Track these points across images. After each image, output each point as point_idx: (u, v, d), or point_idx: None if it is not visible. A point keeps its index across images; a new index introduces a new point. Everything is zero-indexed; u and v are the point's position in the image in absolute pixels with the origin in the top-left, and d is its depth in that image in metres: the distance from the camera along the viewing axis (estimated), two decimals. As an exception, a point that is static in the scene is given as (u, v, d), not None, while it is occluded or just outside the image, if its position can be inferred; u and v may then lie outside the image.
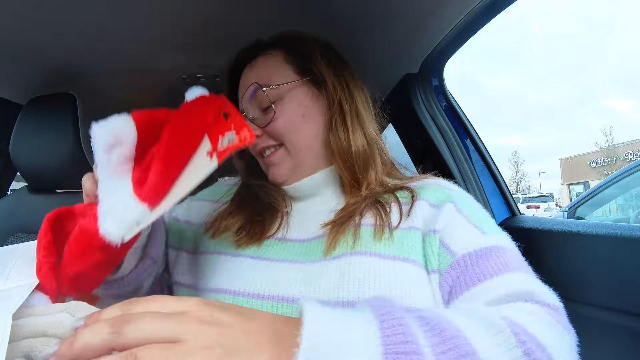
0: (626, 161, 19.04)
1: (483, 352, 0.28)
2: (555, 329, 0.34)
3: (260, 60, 0.58)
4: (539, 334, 0.32)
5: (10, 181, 1.18)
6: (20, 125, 0.91)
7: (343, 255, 0.46)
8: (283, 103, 0.55)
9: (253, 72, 0.57)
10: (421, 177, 0.58)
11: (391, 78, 1.06)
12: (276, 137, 0.55)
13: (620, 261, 0.60)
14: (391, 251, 0.46)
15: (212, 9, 0.76)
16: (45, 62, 0.94)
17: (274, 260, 0.50)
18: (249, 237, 0.53)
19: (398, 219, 0.49)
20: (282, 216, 0.56)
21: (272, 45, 0.59)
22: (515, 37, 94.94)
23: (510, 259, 0.42)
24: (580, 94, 68.76)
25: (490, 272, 0.40)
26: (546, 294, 0.39)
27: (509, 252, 0.43)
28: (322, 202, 0.57)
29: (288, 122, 0.54)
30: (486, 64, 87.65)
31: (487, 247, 0.43)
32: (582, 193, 4.57)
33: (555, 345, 0.32)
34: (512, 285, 0.39)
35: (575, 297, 0.67)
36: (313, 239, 0.51)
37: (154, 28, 0.82)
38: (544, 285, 0.40)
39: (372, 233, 0.48)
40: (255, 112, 0.56)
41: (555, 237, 0.73)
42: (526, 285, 0.39)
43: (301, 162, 0.56)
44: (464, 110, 1.05)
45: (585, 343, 0.38)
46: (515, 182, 31.99)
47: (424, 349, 0.26)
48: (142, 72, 1.02)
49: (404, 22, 0.79)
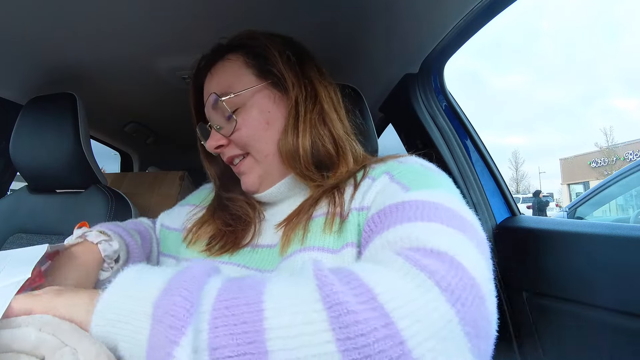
0: (626, 161, 19.02)
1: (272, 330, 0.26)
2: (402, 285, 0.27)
3: (219, 66, 0.56)
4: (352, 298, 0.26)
5: (10, 181, 1.18)
6: (20, 125, 0.91)
7: (295, 252, 0.45)
8: (245, 110, 0.52)
9: (213, 81, 0.55)
10: (397, 156, 0.51)
11: (391, 78, 1.06)
12: (241, 147, 0.54)
13: (620, 261, 0.60)
14: (337, 243, 0.43)
15: (212, 9, 0.76)
16: (45, 62, 0.94)
17: (242, 266, 0.50)
18: (221, 247, 0.53)
19: (350, 196, 0.47)
20: (254, 225, 0.55)
21: (233, 48, 0.56)
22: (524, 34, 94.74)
23: (420, 209, 0.36)
24: (587, 93, 68.57)
25: (391, 221, 0.36)
26: (439, 245, 0.31)
27: (425, 205, 0.37)
28: (293, 203, 0.55)
29: (251, 131, 0.52)
30: (493, 61, 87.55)
31: (399, 202, 0.38)
32: (582, 193, 4.57)
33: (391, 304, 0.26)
34: (398, 235, 0.34)
35: (575, 297, 0.67)
36: (276, 244, 0.50)
37: (153, 28, 0.82)
38: (448, 239, 0.32)
39: (322, 225, 0.46)
40: (220, 121, 0.54)
41: (555, 237, 0.73)
42: (416, 235, 0.32)
43: (269, 169, 0.54)
44: (469, 110, 1.04)
45: (585, 343, 0.38)
46: (515, 182, 31.98)
47: (186, 327, 0.27)
48: (142, 72, 1.02)
49: (404, 22, 0.79)
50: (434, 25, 0.79)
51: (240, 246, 0.53)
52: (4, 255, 0.39)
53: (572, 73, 74.53)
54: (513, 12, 65.42)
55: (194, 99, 0.61)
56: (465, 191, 0.93)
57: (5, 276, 0.35)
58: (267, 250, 0.51)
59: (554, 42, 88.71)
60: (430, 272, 0.28)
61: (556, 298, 0.68)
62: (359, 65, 1.02)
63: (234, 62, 0.55)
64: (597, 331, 0.63)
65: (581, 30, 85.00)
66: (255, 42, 0.55)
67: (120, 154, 1.87)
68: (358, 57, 0.97)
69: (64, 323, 0.30)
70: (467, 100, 65.68)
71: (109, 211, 0.91)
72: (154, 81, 1.08)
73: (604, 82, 69.00)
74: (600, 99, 66.15)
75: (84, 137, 0.92)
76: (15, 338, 0.28)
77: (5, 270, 0.36)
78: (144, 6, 0.73)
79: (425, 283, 0.27)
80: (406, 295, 0.26)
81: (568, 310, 0.66)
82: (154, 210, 1.20)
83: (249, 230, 0.54)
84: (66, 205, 0.94)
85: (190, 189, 1.33)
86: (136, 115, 1.46)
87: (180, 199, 0.73)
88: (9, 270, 0.36)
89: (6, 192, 1.14)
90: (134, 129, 1.55)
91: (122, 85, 1.11)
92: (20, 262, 0.37)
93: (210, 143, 0.55)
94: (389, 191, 0.42)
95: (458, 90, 54.02)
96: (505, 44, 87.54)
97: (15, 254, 0.40)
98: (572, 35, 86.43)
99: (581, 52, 78.87)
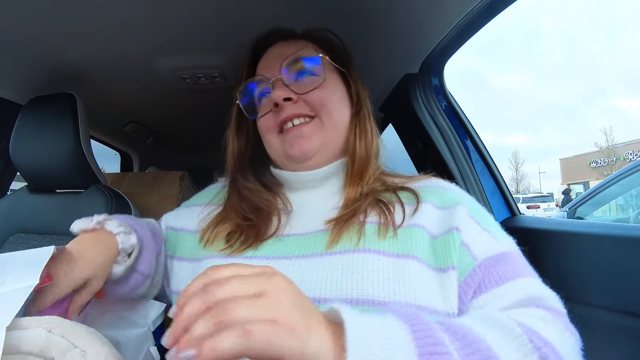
0: (626, 161, 19.03)
1: (504, 356, 0.31)
2: (563, 334, 0.38)
3: (296, 40, 0.59)
4: (551, 338, 0.35)
5: (10, 181, 1.18)
6: (20, 125, 0.91)
7: (346, 251, 0.45)
8: (324, 79, 0.54)
9: (291, 46, 0.57)
10: (420, 178, 0.57)
11: (391, 78, 1.06)
12: (314, 106, 0.53)
13: (620, 261, 0.60)
14: (395, 249, 0.45)
15: (211, 8, 0.76)
16: (45, 62, 0.94)
17: (269, 258, 0.48)
18: (242, 242, 0.51)
19: (402, 218, 0.48)
20: (278, 217, 0.54)
21: (302, 37, 0.60)
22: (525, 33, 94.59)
23: (519, 264, 0.45)
24: (588, 92, 68.45)
25: (504, 277, 0.43)
26: (553, 299, 0.42)
27: (517, 257, 0.46)
28: (323, 195, 0.55)
29: (329, 95, 0.54)
30: (494, 61, 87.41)
31: (501, 253, 0.45)
32: (582, 193, 4.57)
33: (565, 348, 0.35)
34: (524, 290, 0.42)
35: (575, 297, 0.67)
36: (314, 233, 0.50)
37: (153, 28, 0.82)
38: (550, 290, 0.44)
39: (376, 231, 0.47)
40: (291, 80, 0.55)
41: (555, 237, 0.73)
42: (536, 291, 0.42)
43: (331, 140, 0.54)
44: (470, 109, 1.05)
45: (585, 343, 0.38)
46: (515, 182, 31.97)
47: (452, 351, 0.29)
48: (142, 72, 1.02)
49: (404, 22, 0.79)
50: (434, 25, 0.79)
51: (264, 238, 0.51)
52: (11, 258, 0.39)
53: (573, 73, 74.53)
54: (514, 12, 65.43)
55: (250, 57, 0.61)
56: (465, 191, 0.93)
57: (14, 280, 0.35)
58: (294, 239, 0.50)
59: (556, 41, 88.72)
60: (566, 325, 0.39)
61: (556, 298, 0.68)
62: (358, 65, 1.02)
63: (308, 45, 0.58)
64: (597, 331, 0.63)
65: (583, 29, 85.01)
66: (327, 39, 0.61)
67: (120, 154, 1.87)
68: (358, 57, 0.96)
69: (74, 325, 0.30)
70: (469, 100, 65.79)
71: (109, 211, 0.91)
72: (154, 81, 1.08)
73: (605, 81, 68.98)
74: (601, 98, 66.13)
75: (84, 137, 0.92)
76: (24, 340, 0.28)
77: (13, 274, 0.35)
78: (144, 6, 0.73)
79: (567, 334, 0.38)
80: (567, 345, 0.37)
81: (567, 310, 0.66)
82: (154, 210, 1.20)
83: (270, 222, 0.53)
84: (66, 205, 0.94)
85: (190, 188, 1.33)
86: (136, 115, 1.46)
87: (181, 198, 0.73)
88: (16, 274, 0.35)
89: (6, 192, 1.14)
90: (134, 129, 1.55)
91: (122, 85, 1.11)
92: (27, 266, 0.37)
93: (278, 93, 0.53)
94: (477, 233, 0.47)
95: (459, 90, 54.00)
96: (506, 44, 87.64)
97: (22, 256, 0.39)
98: (574, 34, 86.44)
99: (583, 51, 78.88)
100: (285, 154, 0.55)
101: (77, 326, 0.30)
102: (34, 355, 0.28)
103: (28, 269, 0.36)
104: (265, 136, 0.57)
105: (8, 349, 0.28)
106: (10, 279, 0.34)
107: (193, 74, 1.04)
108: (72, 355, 0.28)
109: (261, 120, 0.57)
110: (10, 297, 0.32)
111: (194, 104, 1.30)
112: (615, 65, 70.60)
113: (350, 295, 0.41)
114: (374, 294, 0.41)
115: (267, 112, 0.55)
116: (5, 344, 0.28)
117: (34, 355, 0.28)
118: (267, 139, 0.57)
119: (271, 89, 0.54)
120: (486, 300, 0.42)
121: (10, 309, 0.30)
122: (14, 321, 0.30)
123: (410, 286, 0.42)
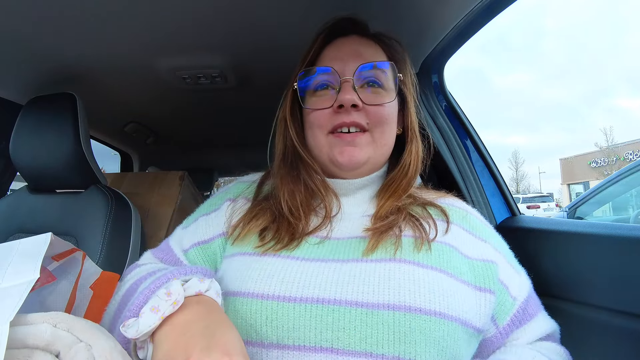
0: (626, 161, 19.02)
1: None
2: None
3: (369, 40, 0.58)
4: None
5: (10, 181, 1.18)
6: (20, 125, 0.91)
7: (383, 260, 0.46)
8: (393, 98, 0.55)
9: (368, 47, 0.56)
10: (443, 195, 0.59)
11: (391, 78, 1.05)
12: (373, 120, 0.53)
13: (620, 261, 0.60)
14: (430, 261, 0.47)
15: (212, 8, 0.76)
16: (45, 62, 0.95)
17: (304, 259, 0.47)
18: (277, 241, 0.49)
19: (434, 233, 0.50)
20: (326, 212, 0.53)
21: (374, 37, 0.59)
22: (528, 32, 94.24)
23: (535, 298, 0.55)
24: (591, 92, 68.20)
25: (532, 315, 0.53)
26: (558, 331, 0.56)
27: (532, 290, 0.56)
28: (355, 202, 0.56)
29: (390, 116, 0.55)
30: (496, 60, 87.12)
31: (528, 294, 0.54)
32: (582, 193, 4.57)
33: None
34: (544, 329, 0.53)
35: (575, 298, 0.67)
36: (351, 239, 0.50)
37: (153, 28, 0.82)
38: (554, 322, 0.56)
39: (412, 243, 0.48)
40: (363, 85, 0.54)
41: (555, 237, 0.73)
42: (551, 328, 0.54)
43: (374, 158, 0.55)
44: (472, 109, 1.05)
45: (585, 343, 0.38)
46: (515, 182, 31.97)
47: None
48: (142, 72, 1.03)
49: (404, 22, 0.79)
50: (434, 25, 0.79)
51: (300, 237, 0.50)
52: (8, 248, 0.39)
53: (575, 72, 74.38)
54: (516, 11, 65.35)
55: (323, 40, 0.59)
56: (465, 191, 0.93)
57: (13, 273, 0.35)
58: (331, 243, 0.50)
59: (558, 40, 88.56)
60: (568, 356, 0.53)
61: (556, 298, 0.68)
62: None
63: (380, 52, 0.58)
64: (597, 331, 0.63)
65: (585, 28, 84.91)
66: (393, 44, 0.60)
67: (120, 154, 1.87)
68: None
69: (79, 320, 0.30)
70: (470, 99, 65.63)
71: (109, 211, 0.91)
72: (154, 81, 1.08)
73: (608, 81, 68.82)
74: (604, 98, 66.04)
75: (84, 137, 0.92)
76: (30, 334, 0.29)
77: (12, 266, 0.35)
78: (144, 6, 0.73)
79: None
80: None
81: (567, 310, 0.66)
82: (154, 210, 1.20)
83: (309, 220, 0.52)
84: (66, 205, 0.94)
85: (190, 189, 1.33)
86: (136, 115, 1.46)
87: (181, 198, 0.72)
88: (15, 267, 0.36)
89: (6, 192, 1.14)
90: (134, 129, 1.55)
91: (122, 85, 1.11)
92: (26, 258, 0.37)
93: (349, 97, 0.51)
94: (508, 270, 0.53)
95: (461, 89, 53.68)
96: (508, 42, 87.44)
97: (19, 246, 0.39)
98: (576, 33, 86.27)
99: (585, 50, 78.73)
100: (331, 157, 0.54)
101: (82, 321, 0.31)
102: (40, 349, 0.28)
103: (27, 262, 0.36)
104: (314, 130, 0.55)
105: (14, 344, 0.28)
106: (10, 273, 0.34)
107: (193, 74, 1.04)
108: (77, 349, 0.28)
109: (316, 113, 0.54)
110: (12, 292, 0.32)
111: (194, 104, 1.30)
112: (618, 65, 70.43)
113: (388, 301, 0.43)
114: (410, 300, 0.42)
115: (326, 107, 0.54)
116: (11, 338, 0.28)
117: (40, 350, 0.28)
118: (315, 134, 0.55)
119: (335, 84, 0.54)
120: (520, 334, 0.51)
121: (12, 303, 0.30)
122: (20, 317, 0.30)
123: (444, 297, 0.44)
